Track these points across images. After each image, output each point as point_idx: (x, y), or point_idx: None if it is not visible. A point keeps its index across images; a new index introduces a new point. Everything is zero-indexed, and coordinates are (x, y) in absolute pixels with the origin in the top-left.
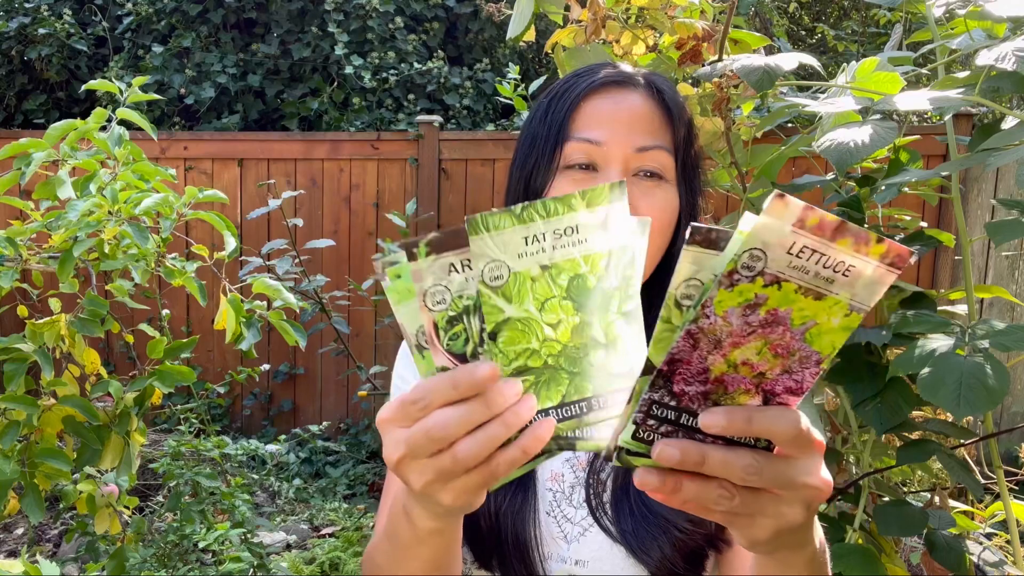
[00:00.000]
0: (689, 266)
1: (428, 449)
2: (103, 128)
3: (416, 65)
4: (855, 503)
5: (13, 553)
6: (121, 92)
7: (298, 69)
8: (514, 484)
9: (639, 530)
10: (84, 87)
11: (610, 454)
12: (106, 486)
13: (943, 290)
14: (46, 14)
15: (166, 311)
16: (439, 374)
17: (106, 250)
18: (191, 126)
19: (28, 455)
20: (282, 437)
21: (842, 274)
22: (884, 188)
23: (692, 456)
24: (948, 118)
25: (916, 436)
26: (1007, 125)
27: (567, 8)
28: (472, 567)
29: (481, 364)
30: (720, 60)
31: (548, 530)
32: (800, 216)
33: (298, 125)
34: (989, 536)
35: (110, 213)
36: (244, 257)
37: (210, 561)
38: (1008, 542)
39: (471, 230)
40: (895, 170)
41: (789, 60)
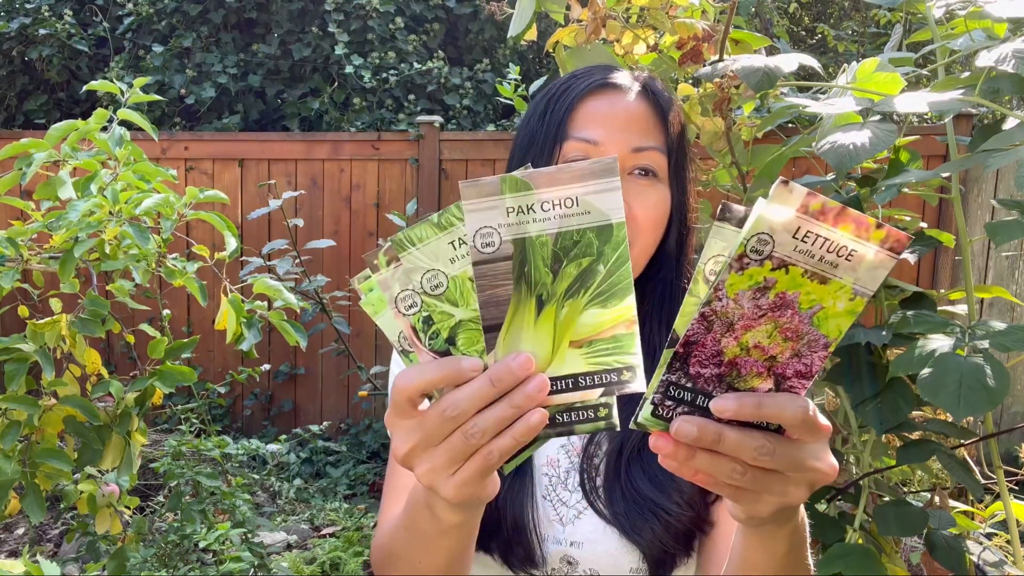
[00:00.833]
0: (718, 243)
1: (441, 430)
2: (104, 128)
3: (416, 65)
4: (855, 503)
5: (14, 553)
6: (122, 93)
7: (298, 69)
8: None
9: (631, 512)
10: (85, 88)
11: (612, 427)
12: (107, 486)
13: (943, 290)
14: (47, 14)
15: (167, 311)
16: (430, 362)
17: (107, 250)
18: (192, 126)
19: (29, 455)
20: (283, 437)
21: (845, 258)
22: (884, 188)
23: (709, 434)
24: (948, 119)
25: (916, 436)
26: (1007, 126)
27: (568, 7)
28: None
29: (463, 358)
30: (721, 60)
31: (545, 513)
32: (804, 202)
33: (298, 125)
34: (989, 536)
35: (111, 213)
36: (245, 257)
37: (211, 561)
38: (1008, 542)
39: (397, 248)
40: (895, 171)
41: (789, 61)
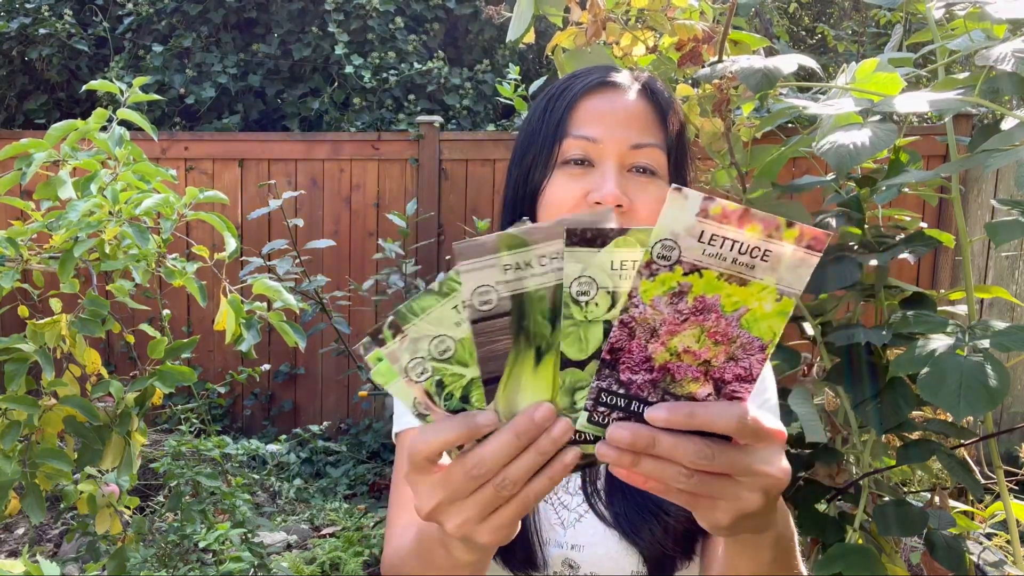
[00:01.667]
0: (575, 265)
1: (468, 487)
2: (104, 128)
3: (416, 65)
4: (855, 503)
5: (14, 553)
6: (122, 92)
7: (298, 69)
8: None
9: (631, 514)
10: (85, 87)
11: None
12: (107, 486)
13: (943, 290)
14: (47, 14)
15: (167, 311)
16: (449, 419)
17: (107, 250)
18: (191, 126)
19: (29, 455)
20: (283, 437)
21: (760, 259)
22: (884, 189)
23: (643, 439)
24: (948, 119)
25: (916, 436)
26: (1007, 126)
27: (567, 10)
28: None
29: (478, 413)
30: (720, 61)
31: (546, 517)
32: (702, 206)
33: (298, 125)
34: (989, 536)
35: (111, 213)
36: (245, 257)
37: (211, 561)
38: (1008, 542)
39: (401, 321)
40: (895, 171)
41: (789, 62)
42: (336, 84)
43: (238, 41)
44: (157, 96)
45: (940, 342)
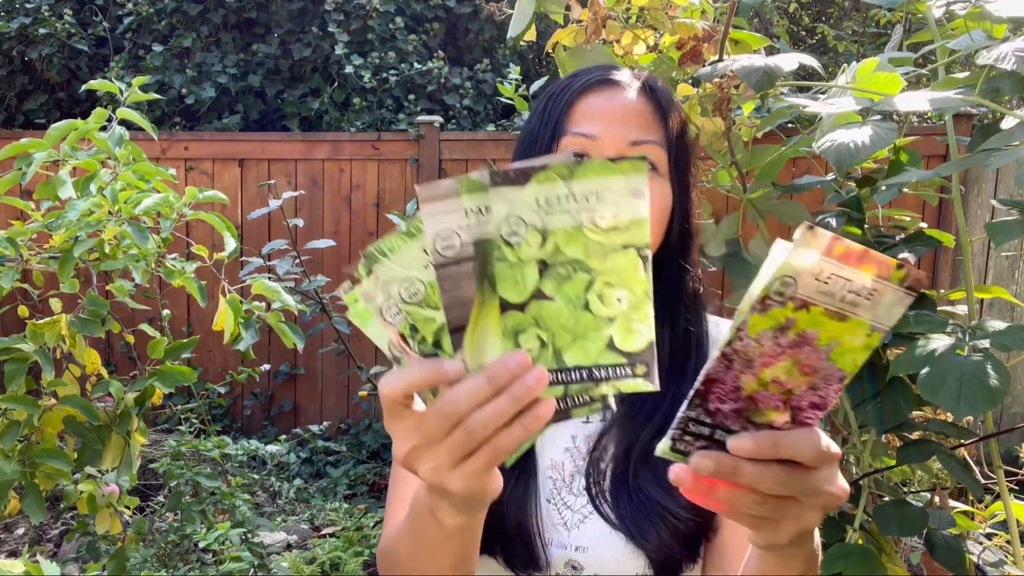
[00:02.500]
0: (502, 206)
1: (441, 428)
2: (103, 128)
3: (416, 65)
4: (855, 503)
5: (14, 553)
6: (121, 92)
7: (298, 69)
8: (516, 472)
9: (637, 516)
10: (85, 87)
11: (608, 407)
12: (107, 486)
13: (943, 290)
14: (47, 14)
15: (166, 311)
16: (425, 361)
17: (106, 250)
18: (191, 126)
19: (29, 455)
20: (283, 437)
21: (865, 297)
22: (884, 188)
23: (726, 468)
24: (948, 118)
25: (916, 436)
26: (1007, 125)
27: (568, 8)
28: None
29: (444, 359)
30: (720, 60)
31: (549, 517)
32: (828, 246)
33: (298, 125)
34: (989, 536)
35: (110, 213)
36: (245, 257)
37: (211, 561)
38: (1008, 542)
39: (370, 261)
40: (895, 170)
41: (789, 61)
42: (336, 84)
43: (238, 41)
44: (157, 96)
45: (940, 342)
